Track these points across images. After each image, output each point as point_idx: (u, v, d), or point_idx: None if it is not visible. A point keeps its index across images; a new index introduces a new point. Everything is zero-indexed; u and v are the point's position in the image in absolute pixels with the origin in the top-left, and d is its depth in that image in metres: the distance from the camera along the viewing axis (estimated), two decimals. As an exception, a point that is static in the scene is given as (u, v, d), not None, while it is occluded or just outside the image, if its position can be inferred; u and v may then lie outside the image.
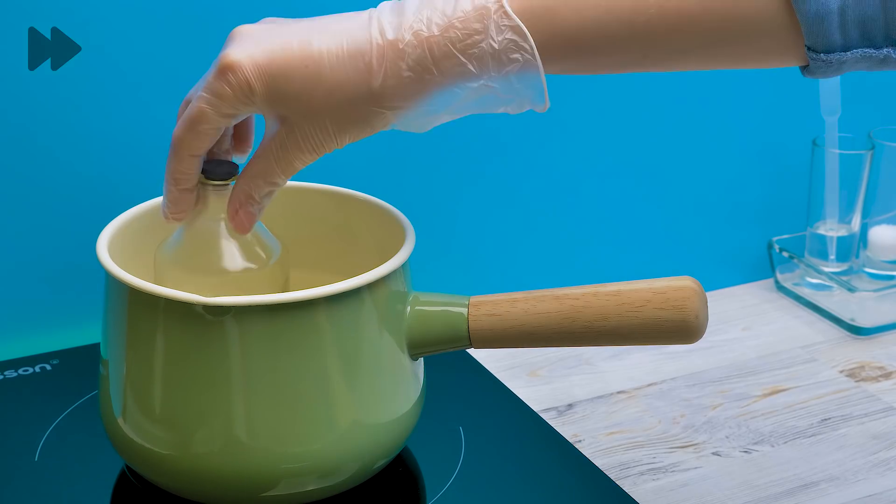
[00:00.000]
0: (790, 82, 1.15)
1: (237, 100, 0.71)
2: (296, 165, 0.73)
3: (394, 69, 0.69)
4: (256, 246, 0.79)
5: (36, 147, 0.95)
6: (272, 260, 0.80)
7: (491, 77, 0.69)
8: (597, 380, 1.02)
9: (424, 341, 0.79)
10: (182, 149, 0.73)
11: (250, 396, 0.75)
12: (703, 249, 1.17)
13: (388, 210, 0.85)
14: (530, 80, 0.69)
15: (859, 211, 1.13)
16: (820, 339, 1.09)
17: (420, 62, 0.69)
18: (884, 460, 0.92)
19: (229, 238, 0.78)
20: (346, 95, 0.70)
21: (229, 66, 0.70)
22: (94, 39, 0.93)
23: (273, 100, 0.71)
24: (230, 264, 0.78)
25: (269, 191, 0.75)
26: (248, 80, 0.70)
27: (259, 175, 0.74)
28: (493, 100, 0.71)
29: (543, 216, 1.11)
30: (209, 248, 0.78)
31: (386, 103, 0.70)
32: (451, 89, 0.70)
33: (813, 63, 0.68)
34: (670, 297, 0.76)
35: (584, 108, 1.09)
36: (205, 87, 0.71)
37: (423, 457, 0.86)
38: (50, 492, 0.82)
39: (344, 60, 0.70)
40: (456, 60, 0.69)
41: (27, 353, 0.98)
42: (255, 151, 0.74)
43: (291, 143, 0.72)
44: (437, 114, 0.72)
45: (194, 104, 0.72)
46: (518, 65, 0.69)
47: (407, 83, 0.69)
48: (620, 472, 0.89)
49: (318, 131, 0.71)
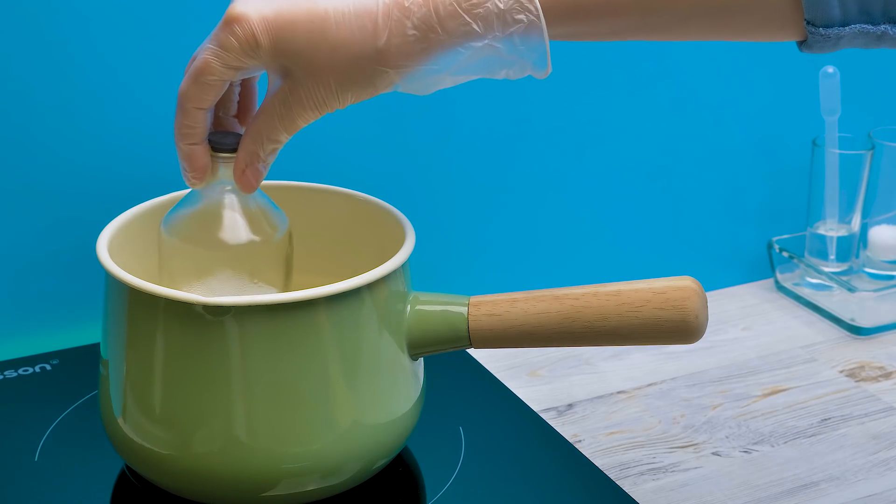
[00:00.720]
0: (790, 82, 1.15)
1: (242, 52, 0.71)
2: (298, 123, 0.73)
3: (399, 28, 0.70)
4: (262, 220, 0.79)
5: (36, 147, 0.95)
6: (278, 234, 0.80)
7: (495, 37, 0.70)
8: (597, 380, 1.02)
9: (424, 341, 0.79)
10: (188, 101, 0.73)
11: (250, 396, 0.75)
12: (703, 249, 1.17)
13: (388, 210, 0.85)
14: (534, 42, 0.70)
15: (859, 211, 1.13)
16: (820, 339, 1.09)
17: (425, 21, 0.70)
18: (884, 460, 0.92)
19: (234, 210, 0.78)
20: (350, 53, 0.70)
21: (235, 18, 0.71)
22: (93, 39, 0.93)
23: (278, 53, 0.71)
24: (233, 237, 0.78)
25: (273, 148, 0.75)
26: (254, 32, 0.71)
27: (262, 132, 0.74)
28: (496, 61, 0.71)
29: (543, 216, 1.11)
30: (212, 220, 0.78)
31: (390, 62, 0.70)
32: (455, 49, 0.70)
33: (811, 37, 0.69)
34: (670, 297, 0.76)
35: (584, 107, 1.09)
36: (211, 39, 0.72)
37: (423, 457, 0.86)
38: (50, 492, 0.82)
39: (350, 18, 0.70)
40: (461, 20, 0.70)
41: (27, 353, 0.98)
42: (258, 108, 0.74)
43: (294, 100, 0.72)
44: (440, 74, 0.72)
45: (200, 56, 0.72)
46: (522, 26, 0.70)
47: (411, 42, 0.70)
48: (620, 472, 0.89)
49: (321, 88, 0.72)
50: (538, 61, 0.71)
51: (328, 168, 0.98)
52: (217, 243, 0.78)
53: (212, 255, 0.78)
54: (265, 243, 0.79)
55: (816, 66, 1.11)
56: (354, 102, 0.72)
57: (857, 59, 1.16)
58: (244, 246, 0.78)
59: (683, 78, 1.11)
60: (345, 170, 1.01)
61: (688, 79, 1.12)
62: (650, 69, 1.10)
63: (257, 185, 0.76)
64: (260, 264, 0.79)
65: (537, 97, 1.07)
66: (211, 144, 0.76)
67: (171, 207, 0.85)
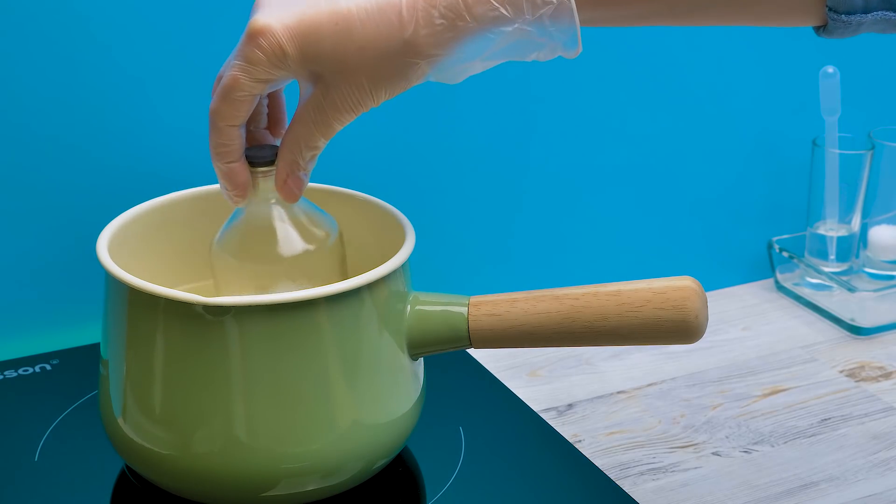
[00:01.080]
0: (790, 83, 1.15)
1: (270, 64, 0.71)
2: (334, 126, 0.73)
3: (426, 18, 0.69)
4: (312, 226, 0.79)
5: (36, 147, 0.95)
6: (331, 239, 0.80)
7: (525, 21, 0.70)
8: (597, 380, 1.02)
9: (424, 341, 0.79)
10: (220, 120, 0.73)
11: (250, 396, 0.75)
12: (703, 249, 1.17)
13: (388, 210, 0.85)
14: (564, 23, 0.70)
15: (859, 211, 1.13)
16: (820, 339, 1.09)
17: (452, 9, 0.69)
18: (884, 460, 0.92)
19: (284, 221, 0.78)
20: (379, 49, 0.70)
21: (259, 31, 0.70)
22: (93, 39, 0.93)
23: (306, 60, 0.71)
24: (288, 249, 0.78)
25: (312, 155, 0.75)
26: (280, 43, 0.70)
27: (300, 140, 0.74)
28: (527, 44, 0.71)
29: (543, 216, 1.11)
30: (265, 234, 0.78)
31: (420, 53, 0.70)
32: (485, 35, 0.70)
33: (832, 23, 0.69)
34: (670, 297, 0.76)
35: (584, 108, 1.09)
36: (237, 55, 0.71)
37: (423, 457, 0.86)
38: (50, 492, 0.82)
39: (373, 14, 0.70)
40: (489, 5, 0.69)
41: (27, 353, 0.98)
42: (292, 117, 0.74)
43: (328, 104, 0.72)
44: (471, 61, 0.72)
45: (228, 73, 0.72)
46: (552, 7, 0.69)
47: (440, 31, 0.70)
48: (620, 472, 0.89)
49: (354, 89, 0.71)
50: (569, 42, 0.71)
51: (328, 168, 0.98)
52: (273, 257, 0.78)
53: (269, 270, 0.78)
54: (319, 250, 0.79)
55: (816, 66, 1.11)
56: (389, 98, 0.72)
57: (858, 60, 1.16)
58: (300, 256, 0.78)
59: (683, 78, 1.11)
60: (345, 170, 1.01)
61: (688, 79, 1.12)
62: (650, 69, 1.10)
63: (300, 193, 0.76)
64: (318, 271, 0.79)
65: (538, 98, 1.07)
66: (248, 160, 0.76)
67: (171, 207, 0.85)
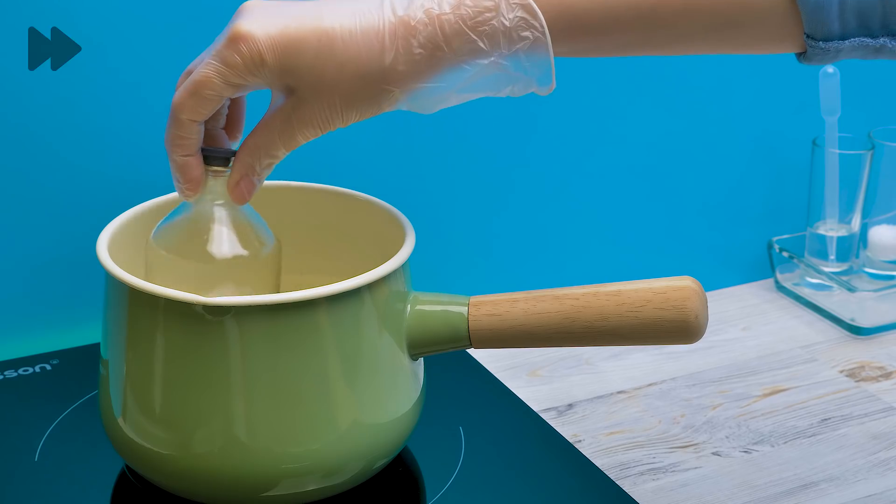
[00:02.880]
0: (790, 83, 1.15)
1: (246, 69, 0.71)
2: (298, 140, 0.73)
3: (405, 46, 0.70)
4: (251, 235, 0.79)
5: (36, 147, 0.95)
6: (265, 249, 0.80)
7: (501, 54, 0.70)
8: (597, 380, 1.02)
9: (424, 341, 0.79)
10: (182, 113, 0.73)
11: (250, 396, 0.75)
12: (703, 249, 1.17)
13: (388, 210, 0.85)
14: (539, 58, 0.70)
15: (859, 211, 1.13)
16: (820, 339, 1.09)
17: (431, 39, 0.70)
18: (884, 460, 0.92)
19: (225, 224, 0.78)
20: (357, 71, 0.70)
21: (241, 37, 0.70)
22: (93, 39, 0.93)
23: (284, 72, 0.71)
24: (223, 251, 0.78)
25: (269, 163, 0.75)
26: (260, 51, 0.70)
27: (262, 146, 0.74)
28: (501, 78, 0.72)
29: (543, 216, 1.11)
30: (204, 233, 0.78)
31: (397, 81, 0.70)
32: (461, 67, 0.70)
33: (810, 50, 0.70)
34: (670, 297, 0.76)
35: (584, 107, 1.09)
36: (213, 55, 0.71)
37: (423, 457, 0.86)
38: (50, 492, 0.82)
39: (356, 36, 0.70)
40: (467, 38, 0.70)
41: (27, 353, 0.98)
42: (258, 123, 0.74)
43: (296, 118, 0.72)
44: (446, 93, 0.72)
45: (200, 69, 0.72)
46: (528, 42, 0.70)
47: (418, 60, 0.70)
48: (620, 472, 0.89)
49: (325, 107, 0.71)
50: (542, 78, 0.71)
51: (329, 168, 0.98)
52: (205, 256, 0.78)
53: (199, 268, 0.78)
54: (253, 258, 0.79)
55: (816, 66, 1.11)
56: (357, 121, 0.72)
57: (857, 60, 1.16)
58: (231, 260, 0.78)
59: (683, 78, 1.11)
60: (345, 170, 1.01)
61: (688, 79, 1.12)
62: (650, 70, 1.10)
63: (250, 197, 0.76)
64: (247, 279, 0.79)
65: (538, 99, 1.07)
66: (203, 157, 0.76)
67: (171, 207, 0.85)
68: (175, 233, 0.79)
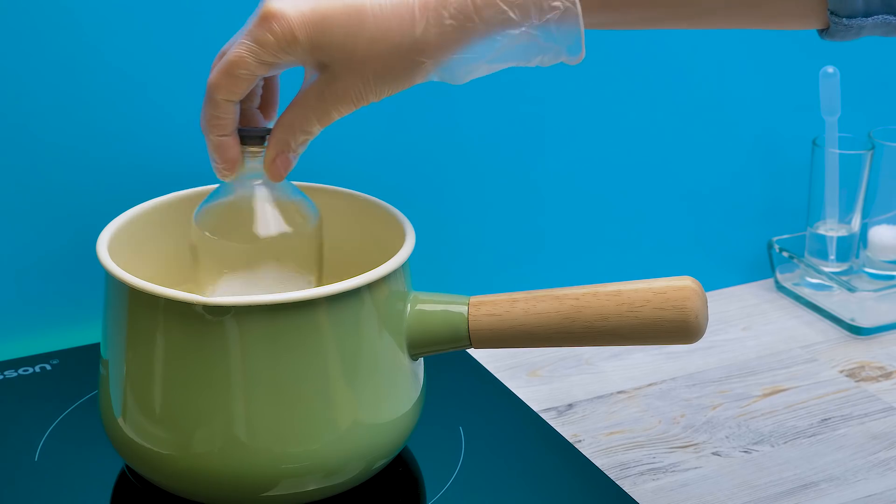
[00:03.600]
0: (790, 83, 1.15)
1: (279, 48, 0.71)
2: (332, 115, 0.74)
3: (436, 18, 0.70)
4: (293, 211, 0.79)
5: (36, 147, 0.95)
6: (309, 224, 0.80)
7: (532, 24, 0.71)
8: (597, 380, 1.02)
9: (424, 341, 0.79)
10: (218, 93, 0.73)
11: (250, 396, 0.75)
12: (703, 249, 1.17)
13: (388, 210, 0.85)
14: (569, 28, 0.71)
15: (859, 211, 1.13)
16: (820, 339, 1.09)
17: (462, 10, 0.70)
18: (884, 460, 0.92)
19: (265, 202, 0.79)
20: (389, 44, 0.71)
21: (273, 15, 0.71)
22: (93, 39, 0.93)
23: (316, 48, 0.71)
24: (265, 230, 0.79)
25: (304, 139, 0.75)
26: (292, 29, 0.71)
27: (296, 123, 0.74)
28: (532, 48, 0.72)
29: (543, 216, 1.11)
30: (246, 213, 0.79)
31: (428, 52, 0.71)
32: (492, 37, 0.71)
33: (834, 26, 0.70)
34: (670, 297, 0.76)
35: (584, 108, 1.09)
36: (246, 34, 0.72)
37: (423, 457, 0.86)
38: (50, 492, 0.82)
39: (387, 10, 0.71)
40: (498, 8, 0.70)
41: (27, 353, 0.98)
42: (292, 100, 0.75)
43: (329, 93, 0.72)
44: (476, 63, 0.72)
45: (234, 50, 0.72)
46: (558, 12, 0.70)
47: (449, 31, 0.70)
48: (620, 472, 0.89)
49: (358, 81, 0.72)
50: (572, 47, 0.72)
51: (328, 168, 0.98)
52: (250, 236, 0.79)
53: (246, 248, 0.78)
54: (298, 234, 0.79)
55: (816, 66, 1.11)
56: (390, 94, 0.73)
57: (858, 60, 1.16)
58: (276, 238, 0.79)
59: (683, 78, 1.11)
60: (345, 170, 1.01)
61: (688, 79, 1.12)
62: (650, 70, 1.10)
63: (286, 174, 0.77)
64: (293, 255, 0.79)
65: (538, 98, 1.07)
66: (240, 137, 0.77)
67: (171, 207, 0.85)
68: (217, 214, 0.79)
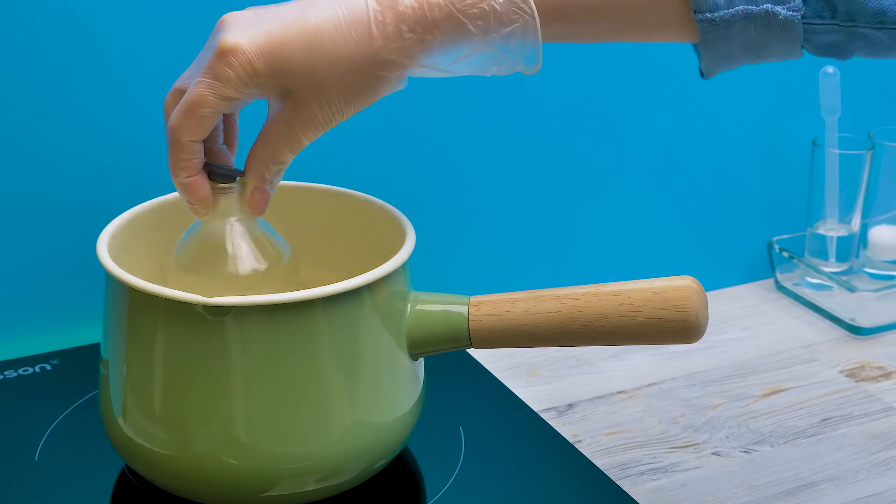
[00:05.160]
0: (790, 83, 1.15)
1: (240, 81, 0.71)
2: (302, 142, 0.73)
3: (395, 32, 0.70)
4: (268, 247, 0.79)
5: (36, 147, 0.95)
6: (283, 259, 0.80)
7: (490, 37, 0.70)
8: (597, 380, 1.02)
9: (424, 341, 0.79)
10: (182, 134, 0.72)
11: (250, 396, 0.75)
12: (703, 249, 1.17)
13: (388, 210, 0.85)
14: (528, 41, 0.71)
15: (859, 211, 1.13)
16: (820, 339, 1.09)
17: (420, 23, 0.70)
18: (884, 460, 0.92)
19: (240, 239, 0.78)
20: (349, 63, 0.70)
21: (230, 50, 0.70)
22: (93, 40, 0.93)
23: (277, 76, 0.71)
24: (242, 266, 0.78)
25: (279, 169, 0.75)
26: (250, 61, 0.70)
27: (268, 156, 0.74)
28: (489, 59, 0.72)
29: (543, 216, 1.11)
30: (220, 251, 0.78)
31: (389, 67, 0.71)
32: (450, 49, 0.71)
33: (702, 27, 0.69)
34: (670, 297, 0.76)
35: (584, 108, 1.09)
36: (203, 72, 0.71)
37: (423, 457, 0.86)
38: (50, 492, 0.82)
39: (342, 29, 0.70)
40: (456, 20, 0.70)
41: (27, 353, 0.98)
42: (259, 133, 0.74)
43: (296, 120, 0.72)
44: (433, 73, 0.72)
45: (193, 89, 0.71)
46: (517, 26, 0.70)
47: (409, 45, 0.70)
48: (620, 472, 0.89)
49: (323, 103, 0.71)
50: (529, 59, 0.72)
51: (329, 168, 0.98)
52: (224, 274, 0.78)
53: (223, 286, 0.78)
54: (271, 270, 0.79)
55: (816, 66, 1.11)
56: (357, 112, 0.72)
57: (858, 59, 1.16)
58: (250, 275, 0.78)
59: (683, 78, 1.11)
60: (345, 170, 1.01)
61: (688, 79, 1.11)
62: (650, 70, 1.10)
63: (266, 207, 0.76)
64: (269, 290, 0.79)
65: (537, 98, 1.07)
66: (209, 176, 0.76)
67: (171, 207, 0.85)
68: (192, 252, 0.79)
